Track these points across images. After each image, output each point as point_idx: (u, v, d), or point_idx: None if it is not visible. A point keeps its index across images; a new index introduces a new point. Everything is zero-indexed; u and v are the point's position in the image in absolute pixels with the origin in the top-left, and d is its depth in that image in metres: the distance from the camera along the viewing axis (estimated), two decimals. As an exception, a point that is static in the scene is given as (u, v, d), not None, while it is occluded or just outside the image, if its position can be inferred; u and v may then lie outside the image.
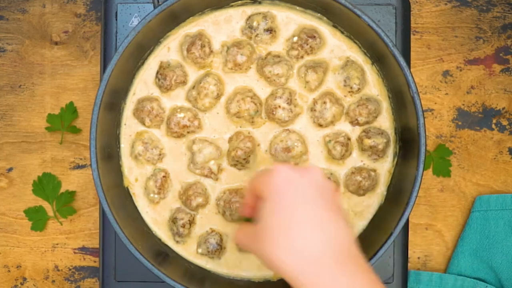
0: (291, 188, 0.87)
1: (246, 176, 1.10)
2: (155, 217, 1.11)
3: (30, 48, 1.24)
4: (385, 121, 1.11)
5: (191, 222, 1.10)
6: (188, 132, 1.10)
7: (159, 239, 1.12)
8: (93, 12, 1.23)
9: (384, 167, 1.11)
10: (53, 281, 1.23)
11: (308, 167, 0.91)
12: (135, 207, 1.12)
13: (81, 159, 1.23)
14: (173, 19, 1.08)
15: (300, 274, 0.82)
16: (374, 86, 1.11)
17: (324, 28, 1.11)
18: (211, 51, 1.10)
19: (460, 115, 1.23)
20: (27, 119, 1.23)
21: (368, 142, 1.09)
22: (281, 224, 0.85)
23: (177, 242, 1.11)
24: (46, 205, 1.23)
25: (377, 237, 1.04)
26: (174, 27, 1.10)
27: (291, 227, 0.84)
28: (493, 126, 1.23)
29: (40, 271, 1.23)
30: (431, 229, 1.23)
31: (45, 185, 1.22)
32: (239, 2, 1.10)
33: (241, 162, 1.09)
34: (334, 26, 1.10)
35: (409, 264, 1.22)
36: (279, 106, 1.08)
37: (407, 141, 1.07)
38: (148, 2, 1.15)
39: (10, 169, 1.24)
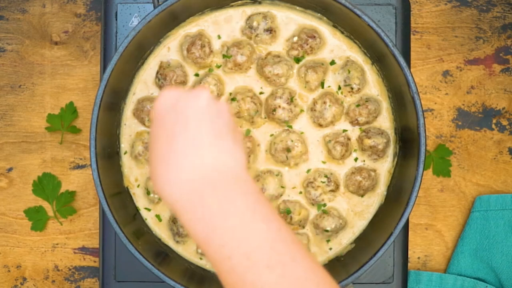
0: (172, 113, 0.82)
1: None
2: (155, 217, 1.11)
3: (30, 48, 1.24)
4: (385, 121, 1.11)
5: (191, 222, 1.10)
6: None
7: (159, 239, 1.12)
8: (93, 12, 1.23)
9: (384, 167, 1.11)
10: (53, 281, 1.23)
11: (195, 89, 0.85)
12: (135, 207, 1.12)
13: (81, 159, 1.23)
14: (173, 19, 1.08)
15: (188, 202, 0.78)
16: (374, 86, 1.11)
17: (324, 28, 1.11)
18: (211, 51, 1.10)
19: (460, 115, 1.23)
20: (27, 119, 1.23)
21: (368, 142, 1.09)
22: (160, 152, 0.81)
23: (177, 242, 1.11)
24: (46, 205, 1.23)
25: (377, 237, 1.04)
26: (174, 27, 1.10)
27: (168, 156, 0.80)
28: (493, 126, 1.23)
29: (40, 271, 1.23)
30: (431, 229, 1.23)
31: (45, 185, 1.21)
32: (239, 2, 1.10)
33: (241, 162, 1.09)
34: (334, 26, 1.10)
35: (409, 264, 1.22)
36: (279, 106, 1.08)
37: (407, 141, 1.07)
38: (148, 2, 1.15)
39: (10, 169, 1.24)
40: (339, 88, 1.11)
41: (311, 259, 0.76)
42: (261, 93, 1.10)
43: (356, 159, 1.11)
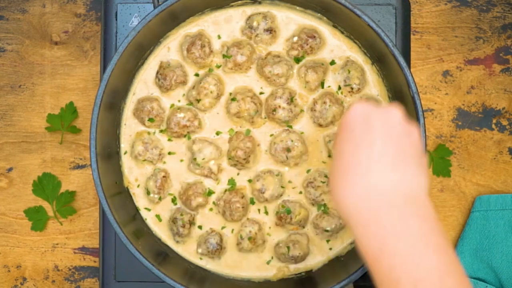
0: (364, 124, 0.82)
1: (246, 176, 1.11)
2: (155, 217, 1.11)
3: (30, 48, 1.24)
4: (385, 121, 1.11)
5: (191, 222, 1.10)
6: (188, 132, 1.10)
7: (159, 239, 1.12)
8: (93, 12, 1.23)
9: (384, 167, 1.11)
10: (53, 281, 1.23)
11: (389, 107, 0.85)
12: (135, 207, 1.12)
13: (81, 159, 1.23)
14: (173, 19, 1.08)
15: (364, 217, 0.78)
16: (374, 86, 1.11)
17: (324, 28, 1.11)
18: (211, 51, 1.10)
19: (460, 115, 1.23)
20: (27, 119, 1.23)
21: (368, 142, 1.09)
22: (344, 162, 0.81)
23: (177, 242, 1.11)
24: (46, 205, 1.23)
25: (377, 237, 1.04)
26: (174, 27, 1.10)
27: (352, 169, 0.80)
28: (493, 126, 1.23)
29: (40, 271, 1.23)
30: (431, 229, 1.23)
31: (45, 185, 1.22)
32: (239, 2, 1.10)
33: (241, 162, 1.09)
34: (334, 26, 1.10)
35: (409, 264, 1.22)
36: (279, 106, 1.08)
37: (407, 141, 1.07)
38: (148, 2, 1.15)
39: (10, 169, 1.24)
40: (339, 88, 1.11)
41: None
42: (261, 93, 1.10)
43: (356, 159, 1.11)
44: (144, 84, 1.11)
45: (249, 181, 1.10)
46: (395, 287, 0.75)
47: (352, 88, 1.10)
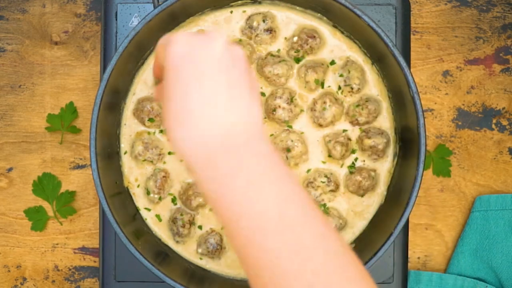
0: (187, 64, 0.77)
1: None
2: (155, 217, 1.11)
3: (30, 48, 1.24)
4: (385, 121, 1.11)
5: (191, 222, 1.10)
6: (188, 132, 1.10)
7: (159, 239, 1.12)
8: (93, 12, 1.23)
9: (384, 167, 1.11)
10: (53, 281, 1.23)
11: (210, 33, 0.80)
12: (135, 207, 1.12)
13: (81, 159, 1.23)
14: (173, 19, 1.08)
15: (201, 162, 0.75)
16: (374, 86, 1.11)
17: (324, 28, 1.11)
18: (211, 51, 1.10)
19: (460, 115, 1.23)
20: (27, 119, 1.23)
21: (368, 142, 1.09)
22: (175, 109, 0.77)
23: (177, 242, 1.11)
24: (46, 205, 1.23)
25: (377, 237, 1.04)
26: (174, 27, 1.10)
27: (184, 114, 0.76)
28: (493, 126, 1.23)
29: (40, 271, 1.23)
30: (431, 229, 1.23)
31: (45, 185, 1.21)
32: (239, 2, 1.10)
33: (241, 162, 1.09)
34: (334, 26, 1.10)
35: (409, 264, 1.22)
36: (279, 106, 1.08)
37: (407, 141, 1.07)
38: (148, 2, 1.15)
39: (10, 169, 1.24)
40: (339, 88, 1.11)
41: (322, 224, 0.73)
42: (261, 93, 1.10)
43: (356, 159, 1.11)
44: (144, 84, 1.11)
45: (249, 181, 1.10)
46: (236, 225, 0.73)
47: (352, 88, 1.10)
